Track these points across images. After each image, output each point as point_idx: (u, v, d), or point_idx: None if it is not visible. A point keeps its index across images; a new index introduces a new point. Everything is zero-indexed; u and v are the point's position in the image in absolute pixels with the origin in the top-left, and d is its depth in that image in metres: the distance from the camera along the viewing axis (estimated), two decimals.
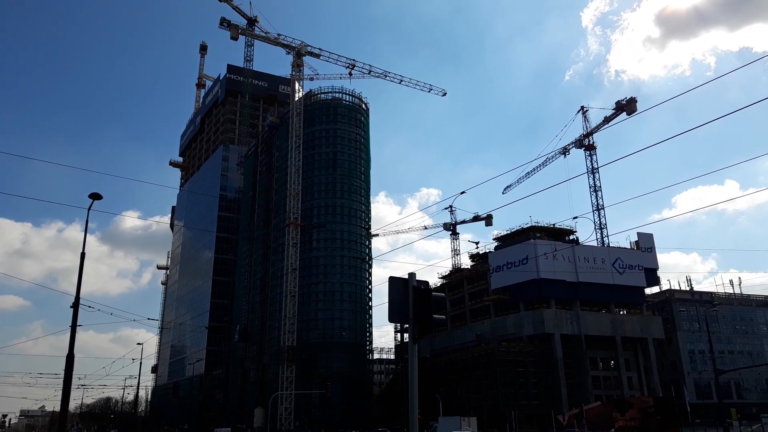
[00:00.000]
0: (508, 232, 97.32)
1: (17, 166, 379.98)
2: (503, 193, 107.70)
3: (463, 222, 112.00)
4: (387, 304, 9.51)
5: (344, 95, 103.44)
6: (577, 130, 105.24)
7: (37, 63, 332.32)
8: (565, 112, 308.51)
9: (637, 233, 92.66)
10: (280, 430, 72.02)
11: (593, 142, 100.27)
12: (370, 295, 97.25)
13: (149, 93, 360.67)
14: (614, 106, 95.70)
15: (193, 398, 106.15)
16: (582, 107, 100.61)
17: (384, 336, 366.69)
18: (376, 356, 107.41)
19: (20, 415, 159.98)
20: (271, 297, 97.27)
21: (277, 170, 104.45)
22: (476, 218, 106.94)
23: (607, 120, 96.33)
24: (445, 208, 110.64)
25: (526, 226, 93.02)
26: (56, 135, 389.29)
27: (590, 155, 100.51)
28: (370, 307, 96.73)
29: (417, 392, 8.83)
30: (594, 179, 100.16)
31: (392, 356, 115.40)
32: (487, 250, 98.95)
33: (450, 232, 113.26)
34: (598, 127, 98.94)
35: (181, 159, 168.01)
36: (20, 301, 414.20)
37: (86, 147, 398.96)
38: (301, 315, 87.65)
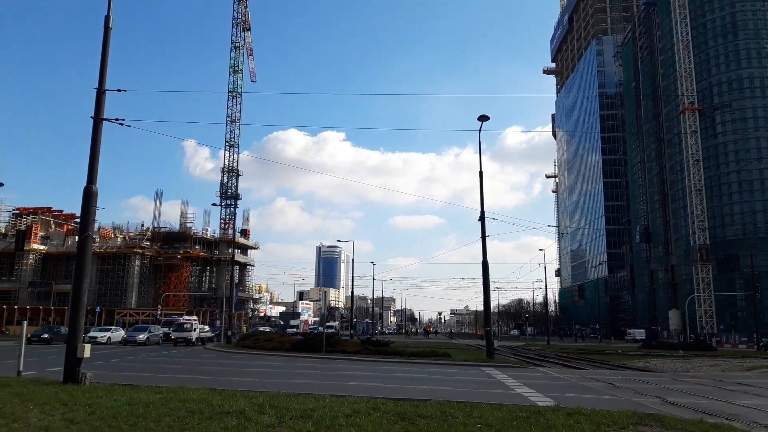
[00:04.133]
0: None
1: (415, 105, 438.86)
2: None
3: None
4: None
5: None
6: None
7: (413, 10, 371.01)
8: None
9: None
10: (701, 333, 66.61)
11: None
12: None
13: (512, 5, 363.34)
14: None
15: (599, 300, 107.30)
16: None
17: None
18: None
19: (450, 313, 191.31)
20: (671, 193, 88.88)
21: (661, 51, 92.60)
22: None
23: None
24: None
25: None
26: (439, 69, 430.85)
27: None
28: None
29: None
30: None
31: None
32: None
33: None
34: None
35: (553, 64, 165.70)
36: (436, 219, 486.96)
37: (466, 73, 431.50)
38: (711, 210, 77.68)
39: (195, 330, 45.42)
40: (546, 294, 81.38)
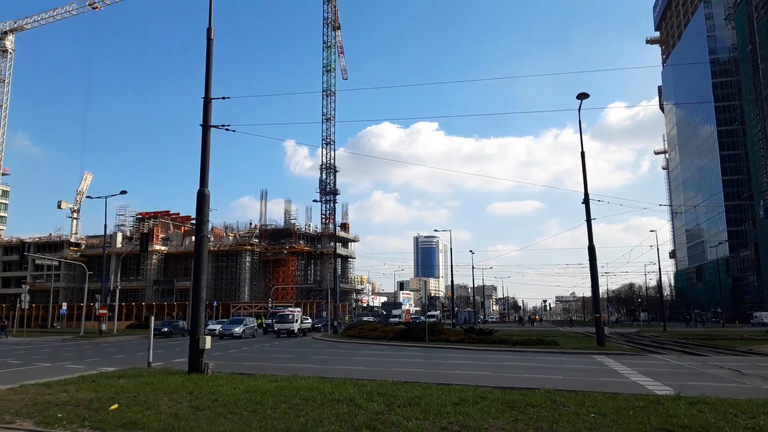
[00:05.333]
0: None
1: (509, 88, 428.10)
2: None
3: None
4: None
5: None
6: None
7: None
8: None
9: None
10: None
11: None
12: None
13: None
14: None
15: (720, 282, 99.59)
16: None
17: None
18: None
19: (556, 300, 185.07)
20: None
21: None
22: None
23: None
24: None
25: None
26: (534, 48, 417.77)
27: None
28: None
29: None
30: None
31: None
32: None
33: None
34: None
35: (657, 33, 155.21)
36: (536, 204, 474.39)
37: (563, 50, 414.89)
38: None
39: (297, 321, 45.94)
40: (660, 277, 76.65)
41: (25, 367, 18.98)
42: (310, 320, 54.70)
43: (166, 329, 44.42)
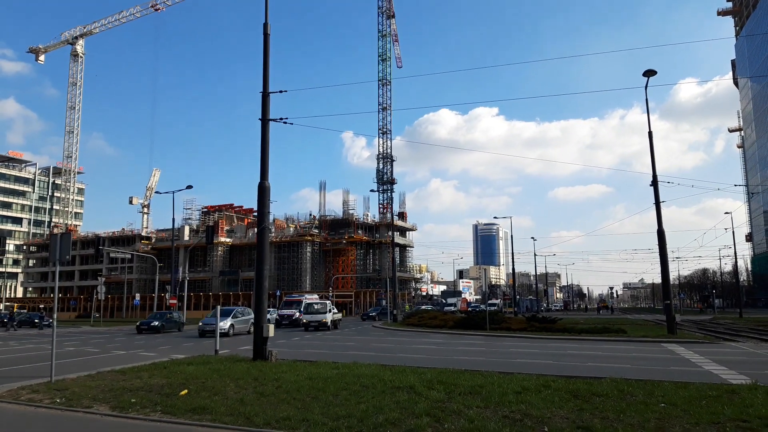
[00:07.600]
0: None
1: (571, 68, 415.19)
2: None
3: None
4: None
5: None
6: None
7: None
8: None
9: None
10: None
11: None
12: None
13: None
14: None
15: None
16: None
17: None
18: None
19: (624, 287, 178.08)
20: None
21: None
22: None
23: None
24: None
25: None
26: (597, 24, 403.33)
27: None
28: None
29: None
30: None
31: None
32: None
33: None
34: None
35: (729, 4, 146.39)
36: (602, 188, 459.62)
37: (628, 25, 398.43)
38: None
39: (329, 311, 38.82)
40: (735, 262, 72.75)
41: (101, 355, 20.07)
42: (338, 312, 45.45)
43: (156, 323, 35.45)
